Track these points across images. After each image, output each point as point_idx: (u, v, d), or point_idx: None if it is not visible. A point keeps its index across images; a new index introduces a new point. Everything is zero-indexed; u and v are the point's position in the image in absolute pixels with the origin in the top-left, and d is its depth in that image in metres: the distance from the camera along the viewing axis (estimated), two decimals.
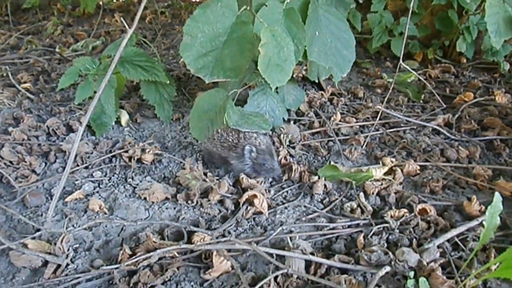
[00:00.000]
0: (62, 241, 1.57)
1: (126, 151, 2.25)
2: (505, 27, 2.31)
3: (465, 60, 3.74)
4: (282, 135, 2.36)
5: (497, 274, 1.22)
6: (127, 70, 2.51)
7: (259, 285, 1.39)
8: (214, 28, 1.94)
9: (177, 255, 1.58)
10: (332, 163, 2.15)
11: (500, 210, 1.27)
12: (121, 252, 1.56)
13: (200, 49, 1.97)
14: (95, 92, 2.50)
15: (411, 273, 1.44)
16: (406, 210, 1.80)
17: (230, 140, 2.02)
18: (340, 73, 2.25)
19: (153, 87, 2.67)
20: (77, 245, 1.67)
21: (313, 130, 2.54)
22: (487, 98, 2.99)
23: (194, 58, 1.97)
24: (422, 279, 1.28)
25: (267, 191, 1.98)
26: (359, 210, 1.85)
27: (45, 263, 1.54)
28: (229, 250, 1.62)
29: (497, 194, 1.28)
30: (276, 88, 2.60)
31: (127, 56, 2.54)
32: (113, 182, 2.09)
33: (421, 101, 2.98)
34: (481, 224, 1.71)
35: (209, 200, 1.87)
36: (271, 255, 1.53)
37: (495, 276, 1.28)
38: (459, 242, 1.65)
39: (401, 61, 2.33)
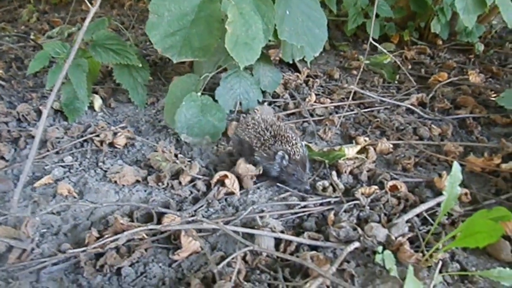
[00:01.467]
0: (26, 225, 1.53)
1: (98, 135, 2.21)
2: (473, 4, 2.32)
3: (440, 42, 3.76)
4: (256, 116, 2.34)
5: (457, 244, 1.23)
6: (99, 54, 2.45)
7: (225, 262, 1.38)
8: (181, 6, 1.90)
9: (145, 236, 1.56)
10: (305, 143, 2.14)
11: (460, 180, 1.28)
12: (88, 235, 1.53)
13: (168, 28, 1.93)
14: (66, 76, 2.45)
15: (380, 248, 1.45)
16: (376, 187, 1.81)
17: (267, 136, 1.85)
18: (312, 52, 2.24)
19: (126, 71, 2.62)
20: (45, 230, 1.64)
21: (288, 112, 2.53)
22: (461, 78, 3.02)
23: (161, 38, 1.94)
24: (387, 252, 1.28)
25: None
26: (331, 188, 1.85)
27: (10, 248, 1.51)
28: (199, 231, 1.61)
29: (455, 164, 1.28)
30: (251, 70, 2.61)
31: (99, 40, 2.48)
32: (84, 166, 2.05)
33: (396, 82, 2.99)
34: None
35: (180, 182, 1.85)
36: (239, 233, 1.52)
37: (456, 246, 1.30)
38: (428, 217, 1.66)
39: (370, 39, 2.32)
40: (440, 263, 1.30)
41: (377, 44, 2.68)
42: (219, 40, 1.93)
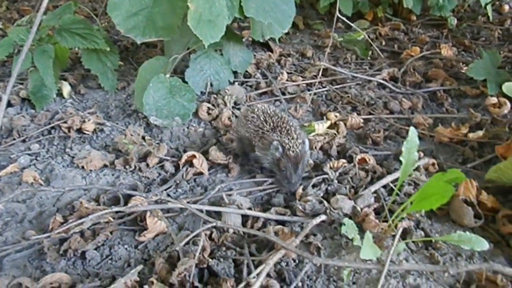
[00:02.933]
0: None
1: (65, 122, 2.17)
2: None
3: (414, 17, 3.76)
4: (226, 97, 2.32)
5: (414, 208, 1.24)
6: (65, 39, 2.39)
7: (187, 239, 1.38)
8: None
9: (111, 220, 1.54)
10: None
11: (417, 145, 1.28)
12: (52, 220, 1.51)
13: (130, 8, 1.89)
14: (32, 63, 2.39)
15: (345, 220, 1.45)
16: (345, 161, 1.81)
17: (266, 129, 1.71)
18: (280, 29, 2.21)
19: (95, 56, 2.56)
20: (9, 218, 1.62)
21: (260, 91, 2.51)
22: (433, 52, 3.02)
23: (123, 18, 1.89)
24: (349, 222, 1.29)
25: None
26: None
27: None
28: (167, 211, 1.60)
29: (412, 129, 1.28)
30: (221, 50, 2.57)
31: (65, 24, 2.42)
32: (51, 153, 2.02)
33: (369, 58, 2.98)
34: (416, 169, 1.74)
35: (147, 164, 1.83)
36: (203, 211, 1.51)
37: (412, 210, 1.31)
38: (394, 188, 1.67)
39: (337, 14, 2.29)
40: (401, 229, 1.31)
41: (347, 21, 2.66)
42: (181, 18, 1.89)
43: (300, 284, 1.30)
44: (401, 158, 1.27)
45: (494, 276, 1.25)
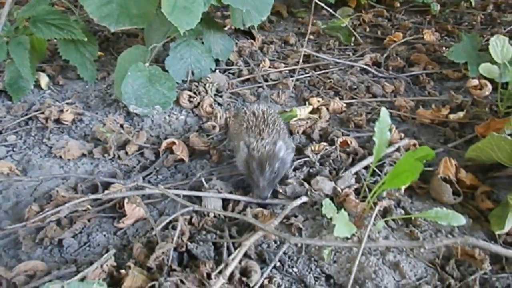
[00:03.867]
0: None
1: (43, 113, 2.13)
2: None
3: (398, 4, 3.76)
4: (207, 84, 2.30)
5: (387, 186, 1.24)
6: (40, 30, 2.34)
7: (166, 222, 1.36)
8: None
9: (90, 208, 1.51)
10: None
11: (389, 125, 1.27)
12: (28, 210, 1.48)
13: None
14: (9, 55, 2.34)
15: (324, 200, 1.44)
16: (326, 144, 1.80)
17: (243, 127, 1.59)
18: (259, 16, 2.19)
19: (72, 46, 2.51)
20: None
21: (242, 78, 2.49)
22: (415, 37, 3.03)
23: (96, 7, 1.85)
24: (327, 201, 1.28)
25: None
26: None
27: None
28: (148, 198, 1.58)
29: (383, 109, 1.28)
30: (202, 38, 2.54)
31: (39, 15, 2.36)
32: (28, 144, 1.97)
33: (352, 44, 2.97)
34: (397, 150, 1.73)
35: (126, 152, 1.80)
36: (186, 197, 1.49)
37: (385, 188, 1.30)
38: (375, 169, 1.66)
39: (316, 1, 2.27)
40: (379, 207, 1.30)
41: (329, 9, 2.65)
42: (156, 5, 1.86)
43: (280, 264, 1.29)
44: (374, 138, 1.26)
45: (472, 250, 1.25)
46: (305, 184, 1.53)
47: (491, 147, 1.55)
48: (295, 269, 1.29)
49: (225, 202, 1.54)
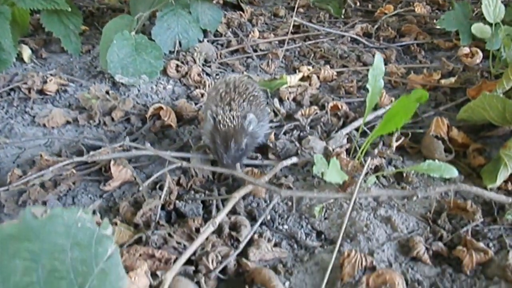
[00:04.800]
0: None
1: (25, 83, 2.06)
2: None
3: None
4: (195, 54, 2.25)
5: (379, 131, 1.22)
6: (22, 0, 2.27)
7: (152, 178, 1.33)
8: None
9: (74, 172, 1.47)
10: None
11: (382, 72, 1.25)
12: (10, 174, 1.43)
13: None
14: None
15: (316, 155, 1.41)
16: (317, 108, 1.77)
17: (217, 98, 1.45)
18: None
19: (56, 18, 2.44)
20: None
21: (231, 49, 2.44)
22: (406, 9, 3.00)
23: None
24: (318, 156, 1.25)
25: None
26: (272, 114, 1.80)
27: None
28: (135, 161, 1.55)
29: (377, 55, 1.25)
30: (189, 8, 2.48)
31: None
32: (11, 114, 1.91)
33: (342, 17, 2.93)
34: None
35: (112, 118, 1.75)
36: (173, 158, 1.45)
37: (378, 134, 1.28)
38: (366, 130, 1.64)
39: None
40: (370, 160, 1.28)
41: None
42: None
43: (270, 221, 1.26)
44: (367, 86, 1.24)
45: (464, 203, 1.24)
46: (296, 143, 1.50)
47: (483, 106, 1.53)
48: (285, 226, 1.27)
49: (214, 164, 1.51)
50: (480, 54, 2.20)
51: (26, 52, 2.45)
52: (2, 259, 0.59)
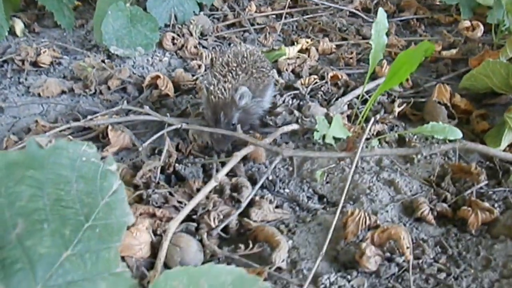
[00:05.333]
0: None
1: (19, 55, 2.02)
2: None
3: None
4: (191, 26, 2.21)
5: (384, 86, 1.20)
6: None
7: (152, 139, 1.30)
8: None
9: (71, 138, 1.43)
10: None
11: (386, 28, 1.22)
12: (6, 139, 1.40)
13: None
14: None
15: (317, 117, 1.39)
16: (317, 77, 1.74)
17: (218, 69, 1.39)
18: None
19: None
20: None
21: (227, 23, 2.40)
22: None
23: None
24: (320, 117, 1.23)
25: None
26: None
27: None
28: (133, 128, 1.52)
29: (381, 10, 1.22)
30: None
31: None
32: (4, 85, 1.87)
33: None
34: None
35: (108, 87, 1.72)
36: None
37: (383, 90, 1.26)
38: (368, 98, 1.62)
39: None
40: (373, 121, 1.25)
41: None
42: None
43: (272, 185, 1.24)
44: (370, 42, 1.21)
45: (468, 166, 1.22)
46: (296, 111, 1.48)
47: (486, 74, 1.51)
48: (286, 190, 1.25)
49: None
50: (482, 27, 2.17)
51: (19, 26, 2.39)
52: (7, 184, 0.59)
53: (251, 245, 0.97)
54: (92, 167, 0.65)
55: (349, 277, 0.95)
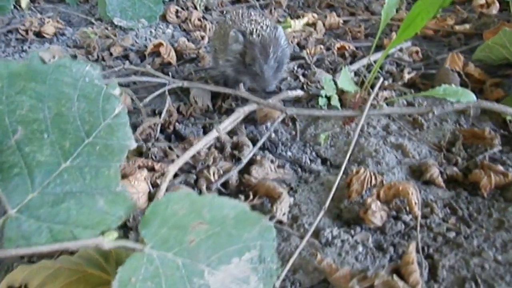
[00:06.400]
0: None
1: (23, 25, 1.99)
2: None
3: None
4: (196, 0, 2.16)
5: (401, 37, 1.15)
6: None
7: (152, 96, 1.26)
8: None
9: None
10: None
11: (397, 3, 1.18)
12: None
13: None
14: None
15: (324, 76, 1.34)
16: (323, 47, 1.69)
17: (227, 25, 1.35)
18: None
19: None
20: None
21: None
22: None
23: None
24: (327, 77, 1.18)
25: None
26: None
27: None
28: (135, 92, 1.47)
29: None
30: None
31: None
32: (8, 53, 1.85)
33: None
34: (399, 50, 1.64)
35: (111, 53, 1.68)
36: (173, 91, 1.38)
37: (398, 42, 1.21)
38: (373, 63, 1.56)
39: None
40: (380, 83, 1.20)
41: None
42: None
43: (274, 148, 1.20)
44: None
45: (481, 131, 1.16)
46: (301, 77, 1.43)
47: (502, 43, 1.45)
48: (289, 153, 1.20)
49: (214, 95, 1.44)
50: (497, 4, 2.10)
51: (24, 0, 2.37)
52: (9, 92, 0.58)
53: (251, 197, 0.93)
54: (95, 88, 0.63)
55: (352, 232, 0.90)
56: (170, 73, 1.63)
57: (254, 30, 1.26)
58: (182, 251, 0.56)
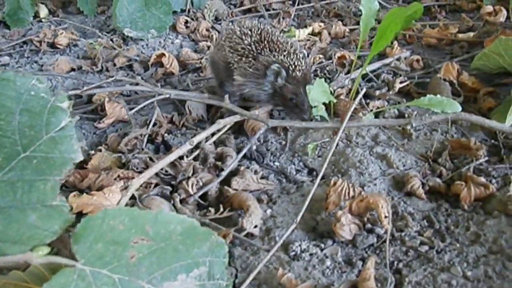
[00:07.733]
0: None
1: (38, 36, 2.10)
2: None
3: None
4: (205, 10, 2.22)
5: (375, 49, 1.16)
6: None
7: (141, 106, 1.30)
8: None
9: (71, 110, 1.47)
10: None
11: None
12: None
13: None
14: None
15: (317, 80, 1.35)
16: (322, 56, 1.70)
17: (247, 41, 1.28)
18: None
19: None
20: None
21: (243, 8, 2.40)
22: None
23: None
24: (311, 87, 1.18)
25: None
26: None
27: None
28: (128, 103, 1.53)
29: None
30: None
31: None
32: (21, 64, 1.95)
33: None
34: (397, 59, 1.63)
35: (114, 64, 1.75)
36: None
37: (372, 54, 1.21)
38: (373, 77, 1.57)
39: None
40: (364, 88, 1.21)
41: None
42: None
43: (260, 158, 1.22)
44: (360, 7, 1.17)
45: (467, 141, 1.15)
46: None
47: (498, 52, 1.42)
48: (276, 163, 1.22)
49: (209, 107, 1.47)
50: (505, 12, 2.05)
51: (43, 11, 2.49)
52: None
53: (221, 210, 0.95)
54: (41, 101, 0.65)
55: (322, 245, 0.91)
56: (172, 84, 1.69)
57: (296, 65, 1.25)
58: (120, 267, 0.57)
